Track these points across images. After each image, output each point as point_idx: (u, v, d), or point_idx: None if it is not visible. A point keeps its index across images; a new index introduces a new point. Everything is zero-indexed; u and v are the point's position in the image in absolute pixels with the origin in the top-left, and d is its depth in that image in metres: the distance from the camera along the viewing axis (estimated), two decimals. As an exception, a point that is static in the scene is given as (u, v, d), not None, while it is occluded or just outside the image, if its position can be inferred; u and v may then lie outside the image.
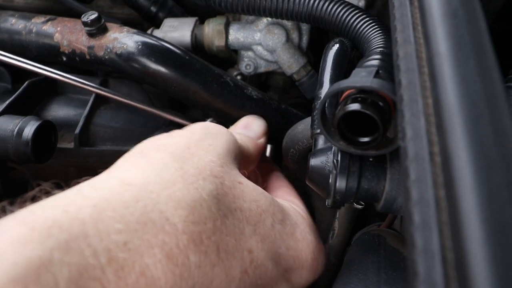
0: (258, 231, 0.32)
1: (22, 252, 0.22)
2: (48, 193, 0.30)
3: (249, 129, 0.49)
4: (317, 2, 0.54)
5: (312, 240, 0.37)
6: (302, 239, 0.36)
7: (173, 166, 0.31)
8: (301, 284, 0.36)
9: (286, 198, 0.43)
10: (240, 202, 0.32)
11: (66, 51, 0.60)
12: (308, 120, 0.50)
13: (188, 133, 0.37)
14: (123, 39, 0.57)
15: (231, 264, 0.30)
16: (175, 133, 0.37)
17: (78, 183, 0.30)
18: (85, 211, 0.25)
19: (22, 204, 0.27)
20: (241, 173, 0.37)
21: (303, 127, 0.50)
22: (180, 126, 0.65)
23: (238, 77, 0.71)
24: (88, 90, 0.60)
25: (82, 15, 0.57)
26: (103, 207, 0.26)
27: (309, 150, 0.42)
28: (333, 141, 0.34)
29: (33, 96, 0.61)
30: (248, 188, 0.34)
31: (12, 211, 0.25)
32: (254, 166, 0.46)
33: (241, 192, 0.33)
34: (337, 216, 0.52)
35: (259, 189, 0.35)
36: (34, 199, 0.29)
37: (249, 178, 0.41)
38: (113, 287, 0.24)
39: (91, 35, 0.58)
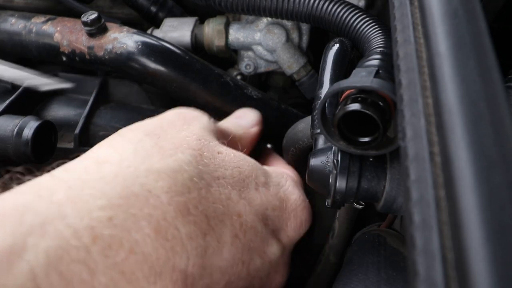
0: (244, 195, 0.33)
1: None
2: (18, 180, 0.29)
3: (242, 118, 0.50)
4: (317, 2, 0.54)
5: (294, 199, 0.38)
6: (286, 198, 0.37)
7: (148, 142, 0.31)
8: (290, 243, 0.37)
9: (281, 168, 0.44)
10: (222, 171, 0.33)
11: (66, 51, 0.60)
12: (308, 119, 0.50)
13: (161, 116, 0.38)
14: (123, 39, 0.57)
15: (222, 231, 0.29)
16: (149, 118, 0.37)
17: (53, 168, 0.29)
18: (60, 193, 0.24)
19: None
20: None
21: (303, 126, 0.50)
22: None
23: (238, 77, 0.71)
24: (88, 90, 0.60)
25: (82, 15, 0.57)
26: (80, 186, 0.25)
27: (309, 149, 0.42)
28: (333, 141, 0.34)
29: (33, 96, 0.61)
30: (229, 156, 0.35)
31: None
32: (246, 153, 0.46)
33: (221, 161, 0.34)
34: (337, 216, 0.52)
35: (240, 155, 0.36)
36: (4, 187, 0.28)
37: None
38: (100, 268, 0.22)
39: (91, 35, 0.58)
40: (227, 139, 0.41)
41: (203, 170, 0.31)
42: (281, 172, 0.40)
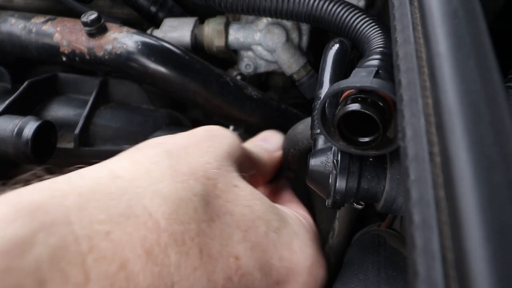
0: (248, 237, 0.31)
1: (7, 229, 0.22)
2: (40, 177, 0.30)
3: (267, 141, 0.48)
4: (317, 2, 0.54)
5: (311, 254, 0.34)
6: (300, 251, 0.34)
7: (164, 163, 0.31)
8: None
9: (294, 209, 0.41)
10: (231, 206, 0.31)
11: (66, 51, 0.60)
12: (308, 120, 0.50)
13: (190, 134, 0.37)
14: (123, 39, 0.57)
15: (214, 269, 0.29)
16: (179, 134, 0.37)
17: (71, 170, 0.30)
18: (71, 199, 0.26)
19: (14, 186, 0.27)
20: (242, 177, 0.36)
21: (303, 127, 0.50)
22: (180, 126, 0.65)
23: (238, 77, 0.71)
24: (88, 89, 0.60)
25: (82, 15, 0.57)
26: (89, 196, 0.26)
27: (309, 150, 0.42)
28: (333, 141, 0.34)
29: (33, 96, 0.61)
30: (244, 192, 0.33)
31: (3, 192, 0.26)
32: (269, 177, 0.45)
33: (234, 196, 0.32)
34: (337, 216, 0.52)
35: (257, 194, 0.34)
36: (26, 183, 0.29)
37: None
38: (94, 276, 0.24)
39: (90, 35, 0.58)
40: (252, 166, 0.40)
41: (211, 203, 0.30)
42: (298, 220, 0.37)
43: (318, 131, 0.41)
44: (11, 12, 0.66)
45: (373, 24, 0.48)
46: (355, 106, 0.30)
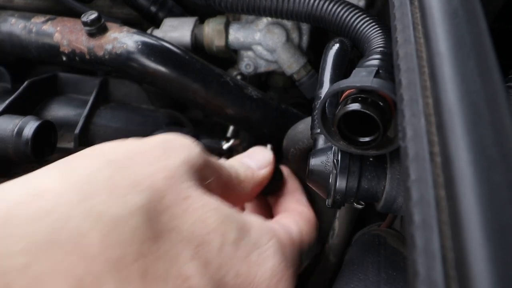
0: (200, 254, 0.28)
1: None
2: None
3: (252, 158, 0.45)
4: (317, 1, 0.54)
5: (271, 267, 0.31)
6: (259, 263, 0.30)
7: (102, 174, 0.27)
8: None
9: (288, 218, 0.39)
10: (180, 220, 0.28)
11: (66, 51, 0.60)
12: (308, 119, 0.50)
13: (141, 142, 0.32)
14: (123, 39, 0.57)
15: None
16: (128, 140, 0.32)
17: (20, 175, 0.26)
18: None
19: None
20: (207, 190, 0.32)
21: (303, 126, 0.50)
22: (180, 126, 0.65)
23: (238, 77, 0.71)
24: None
25: (82, 15, 0.57)
26: (4, 221, 0.23)
27: (309, 150, 0.42)
28: (333, 141, 0.34)
29: (33, 96, 0.61)
30: (196, 204, 0.29)
31: None
32: (251, 195, 0.42)
33: (184, 209, 0.29)
34: (337, 216, 0.52)
35: (212, 204, 0.30)
36: None
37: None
38: None
39: (91, 35, 0.58)
40: (222, 178, 0.37)
41: (156, 219, 0.27)
42: (269, 229, 0.33)
43: (318, 130, 0.41)
44: (11, 12, 0.66)
45: (373, 23, 0.48)
46: (355, 106, 0.30)
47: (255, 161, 0.44)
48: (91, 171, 0.27)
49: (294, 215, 0.40)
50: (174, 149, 0.32)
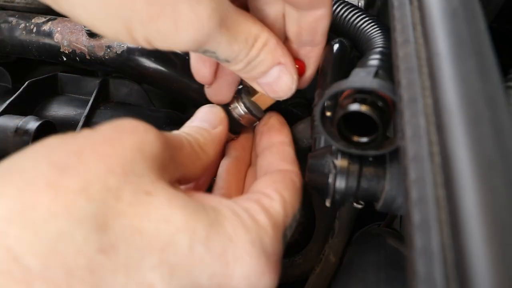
0: (165, 259, 0.25)
1: None
2: None
3: (203, 119, 0.40)
4: (317, 2, 0.54)
5: (252, 261, 0.27)
6: (235, 260, 0.27)
7: (45, 179, 0.23)
8: None
9: (259, 194, 0.33)
10: (140, 222, 0.24)
11: (66, 51, 0.60)
12: (308, 119, 0.50)
13: (88, 134, 0.28)
14: (123, 39, 0.57)
15: None
16: (74, 135, 0.28)
17: None
18: None
19: None
20: (174, 179, 0.30)
21: (303, 126, 0.50)
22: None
23: (238, 77, 0.71)
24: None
25: (82, 15, 0.57)
26: None
27: (309, 150, 0.42)
28: (332, 141, 0.34)
29: (33, 96, 0.61)
30: (158, 201, 0.26)
31: None
32: (214, 157, 0.38)
33: (146, 206, 0.25)
34: (337, 216, 0.52)
35: (176, 199, 0.27)
36: None
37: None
38: None
39: (91, 35, 0.58)
40: (184, 152, 0.34)
41: (111, 225, 0.23)
42: (245, 219, 0.29)
43: (318, 131, 0.41)
44: (11, 12, 0.66)
45: (372, 23, 0.48)
46: (354, 107, 0.30)
47: (207, 122, 0.40)
48: (29, 176, 0.23)
49: (277, 181, 0.35)
50: (127, 139, 0.28)
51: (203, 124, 0.40)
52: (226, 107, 0.43)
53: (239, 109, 0.43)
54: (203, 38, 0.30)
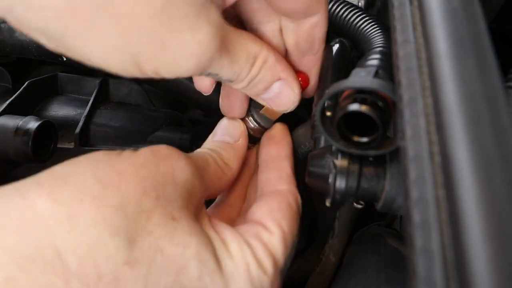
0: (179, 281, 0.27)
1: None
2: None
3: (224, 133, 0.43)
4: (317, 2, 0.54)
5: None
6: None
7: (91, 192, 0.27)
8: None
9: (252, 230, 0.34)
10: (163, 243, 0.27)
11: (66, 51, 0.60)
12: (308, 123, 0.50)
13: (130, 156, 0.31)
14: (123, 39, 0.57)
15: None
16: (118, 153, 0.31)
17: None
18: None
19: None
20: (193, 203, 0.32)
21: (304, 130, 0.50)
22: (180, 126, 0.65)
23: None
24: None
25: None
26: None
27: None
28: (333, 141, 0.34)
29: (33, 96, 0.61)
30: (181, 227, 0.29)
31: None
32: (235, 172, 0.41)
33: (171, 230, 0.28)
34: (337, 216, 0.52)
35: (196, 228, 0.30)
36: None
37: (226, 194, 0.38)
38: None
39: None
40: (210, 173, 0.36)
41: (139, 242, 0.27)
42: (242, 257, 0.31)
43: (318, 131, 0.41)
44: (11, 12, 0.66)
45: (372, 23, 0.48)
46: (354, 107, 0.30)
47: (229, 135, 0.42)
48: (80, 188, 0.26)
49: (274, 209, 0.36)
50: (162, 165, 0.31)
51: (225, 137, 0.42)
52: None
53: (249, 122, 0.45)
54: (206, 63, 0.31)
